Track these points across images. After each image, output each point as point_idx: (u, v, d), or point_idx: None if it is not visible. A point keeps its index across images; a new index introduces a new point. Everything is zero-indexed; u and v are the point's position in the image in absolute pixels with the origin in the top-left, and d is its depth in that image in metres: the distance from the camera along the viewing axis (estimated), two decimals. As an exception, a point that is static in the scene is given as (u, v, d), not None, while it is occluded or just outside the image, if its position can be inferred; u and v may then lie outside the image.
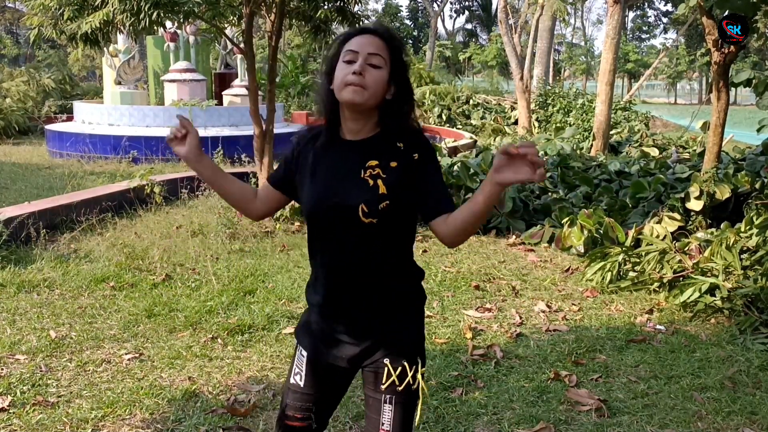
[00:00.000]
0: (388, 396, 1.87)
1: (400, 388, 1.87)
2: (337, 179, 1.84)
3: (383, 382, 1.87)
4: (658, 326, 4.45)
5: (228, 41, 10.31)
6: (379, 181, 1.80)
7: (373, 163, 1.82)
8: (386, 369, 1.86)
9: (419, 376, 1.89)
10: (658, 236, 5.56)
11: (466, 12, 53.42)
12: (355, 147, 1.86)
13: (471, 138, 15.02)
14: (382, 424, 1.88)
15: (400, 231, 1.88)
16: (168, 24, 8.07)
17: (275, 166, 7.50)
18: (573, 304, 4.88)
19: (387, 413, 1.88)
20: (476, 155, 10.30)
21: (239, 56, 14.56)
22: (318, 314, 1.94)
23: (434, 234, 1.84)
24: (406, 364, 1.87)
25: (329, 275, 1.89)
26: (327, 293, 1.90)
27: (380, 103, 1.83)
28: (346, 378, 2.00)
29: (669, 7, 45.47)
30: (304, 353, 1.98)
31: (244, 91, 13.84)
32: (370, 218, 1.79)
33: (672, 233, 5.66)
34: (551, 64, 30.97)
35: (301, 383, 1.98)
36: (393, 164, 1.82)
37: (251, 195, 2.05)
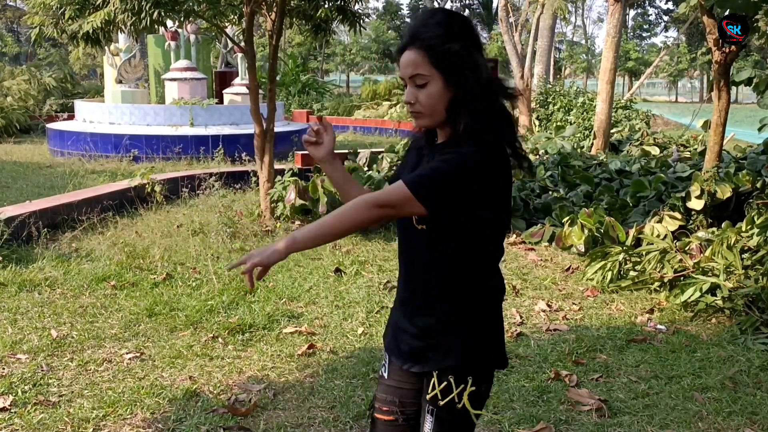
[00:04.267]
0: (430, 407, 1.84)
1: (442, 403, 1.81)
2: None
3: (428, 392, 1.83)
4: (658, 326, 4.45)
5: (229, 40, 10.31)
6: None
7: None
8: (432, 381, 1.83)
9: (465, 396, 1.80)
10: (658, 235, 5.56)
11: (467, 10, 53.37)
12: (432, 150, 1.83)
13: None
14: None
15: (453, 242, 1.77)
16: (169, 23, 8.07)
17: (276, 165, 7.54)
18: (573, 303, 4.88)
19: (428, 424, 1.85)
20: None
21: (240, 55, 14.57)
22: (393, 307, 1.99)
23: None
24: (452, 380, 1.80)
25: (400, 273, 1.93)
26: (398, 289, 1.95)
27: (448, 108, 1.74)
28: (415, 376, 1.92)
29: (670, 5, 45.39)
30: (384, 344, 2.02)
31: (245, 90, 13.82)
32: (421, 224, 1.77)
33: (673, 232, 5.66)
34: (552, 63, 30.92)
35: (385, 374, 1.98)
36: None
37: None
